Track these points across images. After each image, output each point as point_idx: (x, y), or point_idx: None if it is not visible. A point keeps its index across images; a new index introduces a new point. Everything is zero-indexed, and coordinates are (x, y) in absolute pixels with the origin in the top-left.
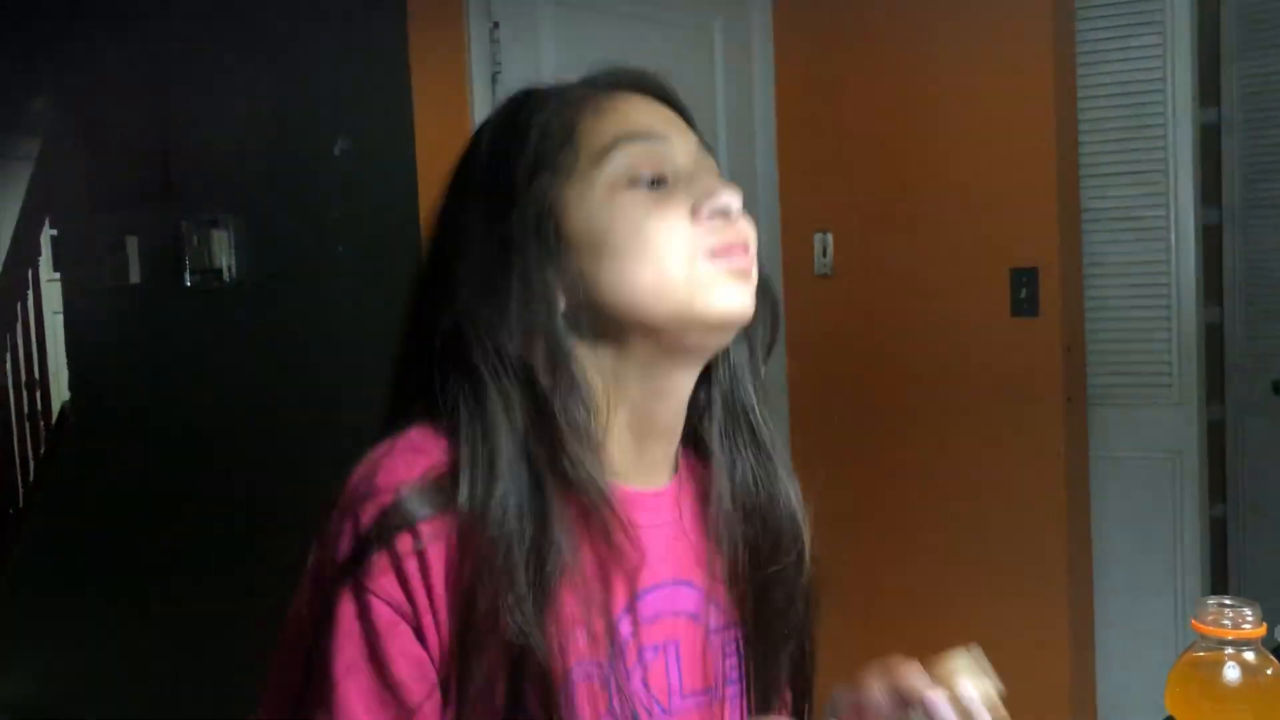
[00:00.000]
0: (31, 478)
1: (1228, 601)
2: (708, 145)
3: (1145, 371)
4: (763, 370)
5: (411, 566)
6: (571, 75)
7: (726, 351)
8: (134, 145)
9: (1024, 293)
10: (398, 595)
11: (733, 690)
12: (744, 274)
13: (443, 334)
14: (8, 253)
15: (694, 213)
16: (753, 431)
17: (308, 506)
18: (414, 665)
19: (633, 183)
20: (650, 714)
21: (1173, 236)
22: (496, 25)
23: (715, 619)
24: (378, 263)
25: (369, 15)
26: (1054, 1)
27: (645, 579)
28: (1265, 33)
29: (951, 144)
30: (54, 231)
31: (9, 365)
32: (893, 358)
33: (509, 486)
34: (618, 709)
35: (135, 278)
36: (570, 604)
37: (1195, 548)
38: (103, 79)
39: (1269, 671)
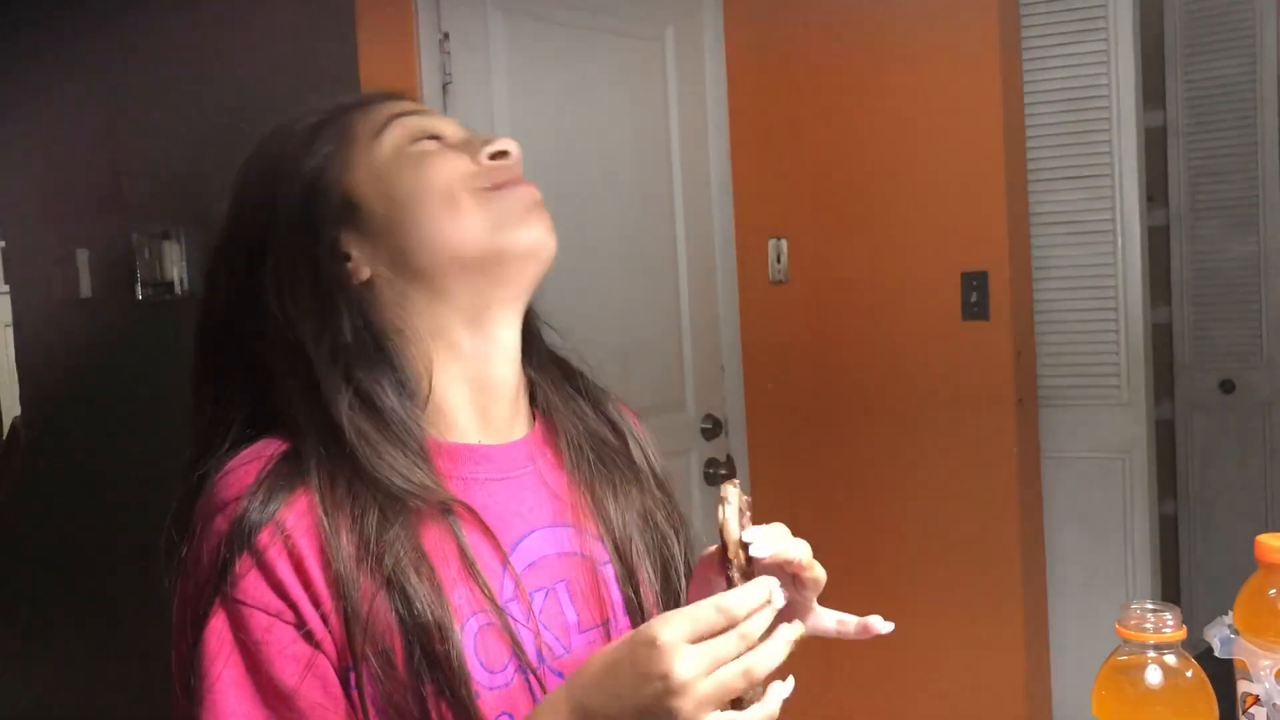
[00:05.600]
0: None
1: (1150, 605)
2: None
3: (1094, 372)
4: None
5: (275, 558)
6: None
7: (529, 314)
8: (83, 156)
9: (974, 297)
10: (266, 596)
11: (627, 623)
12: (536, 205)
13: (252, 335)
14: None
15: (473, 159)
16: (574, 378)
17: None
18: (298, 663)
19: (414, 141)
20: (551, 654)
21: (1119, 239)
22: (446, 36)
23: (599, 553)
24: None
25: (319, 26)
26: (999, 8)
27: (518, 527)
28: (1209, 36)
29: (902, 150)
30: (1, 243)
31: None
32: (847, 362)
33: (356, 461)
34: (520, 655)
35: (86, 291)
36: (447, 565)
37: (1146, 544)
38: (51, 88)
39: (1189, 674)
